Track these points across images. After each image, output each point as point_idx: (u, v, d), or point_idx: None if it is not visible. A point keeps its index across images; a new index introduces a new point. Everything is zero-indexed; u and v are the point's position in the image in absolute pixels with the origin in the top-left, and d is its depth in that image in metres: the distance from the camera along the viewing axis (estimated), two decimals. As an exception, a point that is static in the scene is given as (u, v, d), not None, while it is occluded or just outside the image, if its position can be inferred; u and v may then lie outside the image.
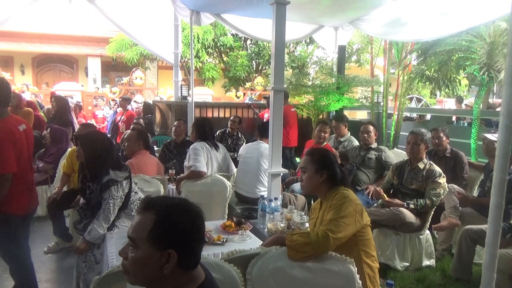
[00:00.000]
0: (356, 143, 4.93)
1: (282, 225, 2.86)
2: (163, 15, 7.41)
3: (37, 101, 8.04)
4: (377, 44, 7.70)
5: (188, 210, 1.14)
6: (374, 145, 4.49)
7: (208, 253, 2.33)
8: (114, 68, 18.44)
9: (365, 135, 4.46)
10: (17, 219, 2.72)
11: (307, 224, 2.76)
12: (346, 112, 7.44)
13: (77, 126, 5.69)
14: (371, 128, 4.47)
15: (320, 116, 7.02)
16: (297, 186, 4.41)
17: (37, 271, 3.53)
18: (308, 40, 13.99)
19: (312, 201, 4.48)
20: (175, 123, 5.01)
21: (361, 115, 9.76)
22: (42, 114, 6.79)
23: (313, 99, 6.70)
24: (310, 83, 7.08)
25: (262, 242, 2.52)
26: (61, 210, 4.13)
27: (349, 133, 5.25)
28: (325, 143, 4.72)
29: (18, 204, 2.68)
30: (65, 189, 4.15)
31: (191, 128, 4.42)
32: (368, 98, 8.01)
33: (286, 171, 3.70)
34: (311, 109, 6.76)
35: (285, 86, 3.71)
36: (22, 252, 2.83)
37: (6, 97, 2.62)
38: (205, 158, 3.86)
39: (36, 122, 6.06)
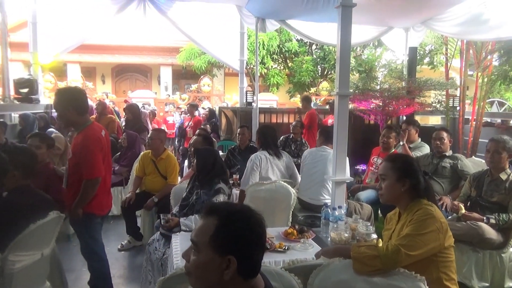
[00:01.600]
0: (427, 150, 4.62)
1: (346, 235, 2.75)
2: (230, 24, 7.63)
3: (114, 109, 8.68)
4: (452, 45, 7.19)
5: (249, 217, 1.13)
6: (449, 152, 4.17)
7: (269, 260, 2.31)
8: (184, 76, 19.33)
9: (438, 142, 4.16)
10: (98, 219, 2.98)
11: (373, 235, 2.63)
12: (417, 118, 7.02)
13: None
14: (444, 134, 4.16)
15: (389, 122, 6.72)
16: (363, 194, 4.24)
17: (111, 267, 3.78)
18: (376, 43, 13.49)
19: (378, 211, 4.32)
20: (239, 130, 5.09)
21: (434, 120, 9.15)
22: (120, 120, 7.31)
23: (381, 104, 6.43)
24: (378, 87, 6.79)
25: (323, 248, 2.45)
26: (134, 210, 4.39)
27: (420, 139, 4.94)
28: (392, 149, 4.49)
29: (99, 205, 2.92)
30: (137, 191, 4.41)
31: (256, 135, 4.47)
32: (443, 103, 7.49)
33: (351, 179, 3.57)
34: (378, 114, 6.48)
35: (350, 90, 3.59)
36: (99, 249, 3.07)
37: (86, 105, 2.89)
38: (263, 169, 3.91)
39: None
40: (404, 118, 6.72)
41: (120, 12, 6.91)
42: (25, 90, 6.57)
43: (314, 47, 15.34)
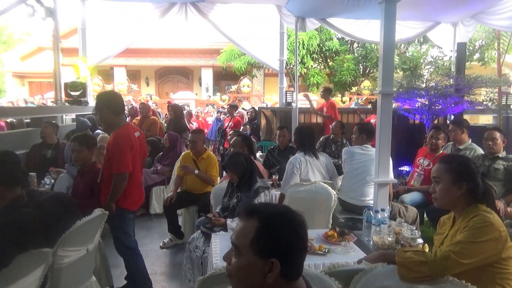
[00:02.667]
0: (479, 151, 4.35)
1: (389, 239, 2.65)
2: (269, 24, 7.63)
3: (157, 110, 8.94)
4: (506, 39, 6.76)
5: (291, 219, 1.10)
6: (503, 154, 3.91)
7: (309, 263, 2.26)
8: (224, 77, 19.59)
9: (490, 143, 3.91)
10: (130, 214, 3.14)
11: (419, 240, 2.51)
12: (466, 117, 6.65)
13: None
14: (497, 134, 3.90)
15: (435, 121, 6.42)
16: (408, 197, 4.07)
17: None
18: (421, 39, 12.97)
19: (424, 215, 4.13)
20: (278, 132, 5.06)
21: (485, 120, 8.64)
22: (162, 121, 7.51)
23: (427, 103, 6.16)
24: (423, 85, 6.51)
25: (366, 255, 2.37)
26: (175, 209, 4.48)
27: (470, 140, 4.66)
28: (440, 151, 4.27)
29: (132, 201, 3.10)
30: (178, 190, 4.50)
31: (293, 136, 4.42)
32: (495, 101, 7.06)
33: (395, 180, 3.44)
34: (424, 113, 6.21)
35: (394, 89, 3.45)
36: (132, 244, 3.20)
37: (121, 107, 3.07)
38: (303, 171, 3.85)
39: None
40: (452, 117, 6.40)
41: (163, 16, 7.11)
42: (76, 93, 6.90)
43: (355, 45, 15.02)
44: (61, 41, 7.37)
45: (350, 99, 14.70)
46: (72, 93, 6.85)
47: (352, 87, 14.91)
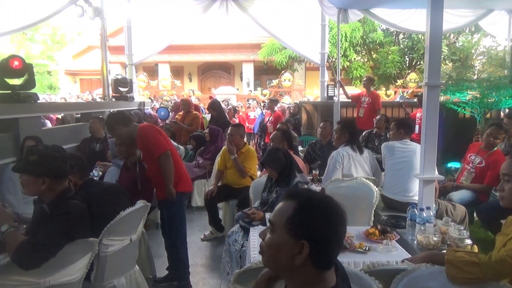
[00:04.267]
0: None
1: (435, 238, 2.53)
2: (310, 17, 7.50)
3: (199, 105, 9.10)
4: None
5: (329, 207, 1.10)
6: None
7: (348, 260, 2.21)
8: (265, 72, 19.59)
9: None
10: (185, 199, 3.33)
11: (467, 241, 2.37)
12: (523, 110, 6.20)
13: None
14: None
15: (488, 115, 6.04)
16: (456, 194, 3.86)
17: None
18: (472, 28, 12.23)
19: (474, 214, 3.90)
20: (321, 124, 4.99)
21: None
22: (204, 116, 7.63)
23: (478, 96, 5.80)
24: (475, 77, 6.15)
25: (410, 255, 2.28)
26: (216, 203, 4.54)
27: (528, 135, 4.34)
28: (495, 148, 4.01)
29: (186, 182, 3.28)
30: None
31: (334, 132, 4.30)
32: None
33: (441, 177, 3.27)
34: (475, 107, 5.86)
35: (442, 81, 3.26)
36: (184, 232, 3.33)
37: (126, 116, 3.23)
38: (345, 166, 3.76)
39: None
40: (507, 111, 5.99)
41: (205, 12, 7.21)
42: (123, 89, 7.18)
43: (401, 36, 14.45)
44: (108, 39, 7.68)
45: (395, 92, 14.19)
46: (119, 89, 7.13)
47: (397, 80, 14.37)
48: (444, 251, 2.22)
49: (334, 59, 12.72)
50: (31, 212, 2.32)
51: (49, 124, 8.08)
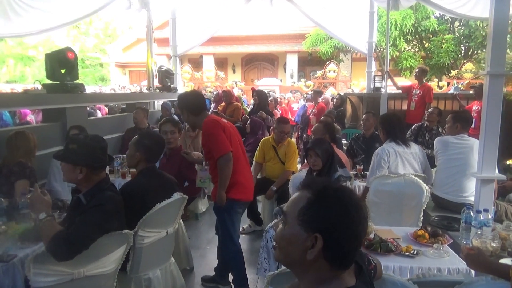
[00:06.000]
0: None
1: (493, 244, 2.27)
2: (358, 4, 7.18)
3: (243, 97, 9.05)
4: None
5: (346, 198, 1.01)
6: None
7: (394, 264, 2.03)
8: (309, 63, 19.20)
9: None
10: (238, 206, 2.99)
11: (532, 249, 2.11)
12: None
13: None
14: None
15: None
16: (517, 195, 3.51)
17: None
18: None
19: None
20: (364, 116, 4.74)
21: None
22: (245, 108, 7.57)
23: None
24: (542, 66, 5.55)
25: (463, 262, 2.06)
26: (254, 196, 4.46)
27: None
28: None
29: (241, 189, 2.94)
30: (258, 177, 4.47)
31: (378, 126, 4.01)
32: None
33: (502, 177, 2.96)
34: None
35: (506, 70, 2.91)
36: (236, 237, 3.07)
37: (200, 107, 2.97)
38: (392, 164, 3.48)
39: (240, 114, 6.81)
40: None
41: (248, 2, 7.10)
42: (167, 81, 7.27)
43: (456, 24, 13.52)
44: (153, 31, 7.79)
45: (449, 84, 13.35)
46: (164, 81, 7.22)
47: (451, 71, 13.50)
48: (504, 260, 1.98)
49: (382, 49, 12.17)
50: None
51: (99, 114, 8.39)
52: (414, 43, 14.02)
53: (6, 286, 2.10)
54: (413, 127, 5.48)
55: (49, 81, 4.21)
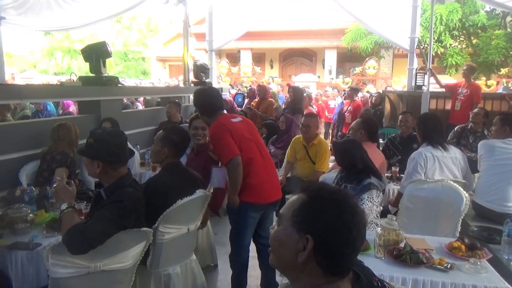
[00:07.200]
0: None
1: (540, 262, 2.06)
2: (401, -2, 6.85)
3: (276, 93, 8.93)
4: None
5: (341, 201, 0.99)
6: None
7: (424, 278, 1.88)
8: (349, 59, 18.73)
9: None
10: (253, 211, 2.78)
11: None
12: None
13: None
14: None
15: None
16: None
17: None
18: None
19: None
20: (400, 116, 4.50)
21: None
22: (279, 104, 7.46)
23: None
24: None
25: (503, 280, 1.87)
26: (284, 194, 4.36)
27: None
28: None
29: (255, 191, 2.72)
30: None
31: (416, 127, 3.74)
32: None
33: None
34: None
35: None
36: (244, 243, 2.86)
37: (215, 106, 2.84)
38: (429, 170, 3.23)
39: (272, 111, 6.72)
40: None
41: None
42: (202, 75, 7.30)
43: (508, 18, 12.68)
44: (190, 25, 7.83)
45: (498, 83, 12.57)
46: (199, 75, 7.26)
47: (501, 69, 12.69)
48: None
49: (426, 45, 11.63)
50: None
51: (140, 107, 8.61)
52: (461, 39, 13.32)
53: (30, 274, 2.15)
54: (455, 129, 5.16)
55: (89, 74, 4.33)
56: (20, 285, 2.13)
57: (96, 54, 4.27)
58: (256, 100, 7.07)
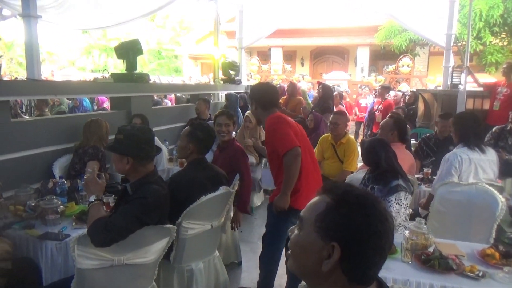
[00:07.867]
0: None
1: None
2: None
3: (305, 91, 8.84)
4: None
5: (371, 206, 0.91)
6: None
7: (453, 286, 1.80)
8: (382, 57, 18.25)
9: None
10: (293, 216, 2.60)
11: None
12: None
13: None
14: None
15: None
16: None
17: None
18: None
19: None
20: (440, 120, 4.33)
21: None
22: (308, 103, 7.38)
23: None
24: None
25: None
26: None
27: None
28: None
29: (299, 196, 2.61)
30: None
31: (452, 126, 3.52)
32: None
33: None
34: None
35: None
36: (278, 247, 2.79)
37: (272, 102, 2.77)
38: (464, 172, 3.07)
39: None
40: None
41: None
42: (232, 73, 7.33)
43: (557, 14, 11.95)
44: (221, 23, 7.89)
45: (542, 82, 11.87)
46: (228, 72, 7.30)
47: (546, 68, 11.96)
48: None
49: (464, 42, 11.15)
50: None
51: (169, 104, 8.76)
52: (502, 35, 12.67)
53: (59, 263, 2.23)
54: (493, 130, 4.91)
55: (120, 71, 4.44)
56: (50, 273, 2.22)
57: (132, 51, 4.38)
58: (284, 97, 7.01)
